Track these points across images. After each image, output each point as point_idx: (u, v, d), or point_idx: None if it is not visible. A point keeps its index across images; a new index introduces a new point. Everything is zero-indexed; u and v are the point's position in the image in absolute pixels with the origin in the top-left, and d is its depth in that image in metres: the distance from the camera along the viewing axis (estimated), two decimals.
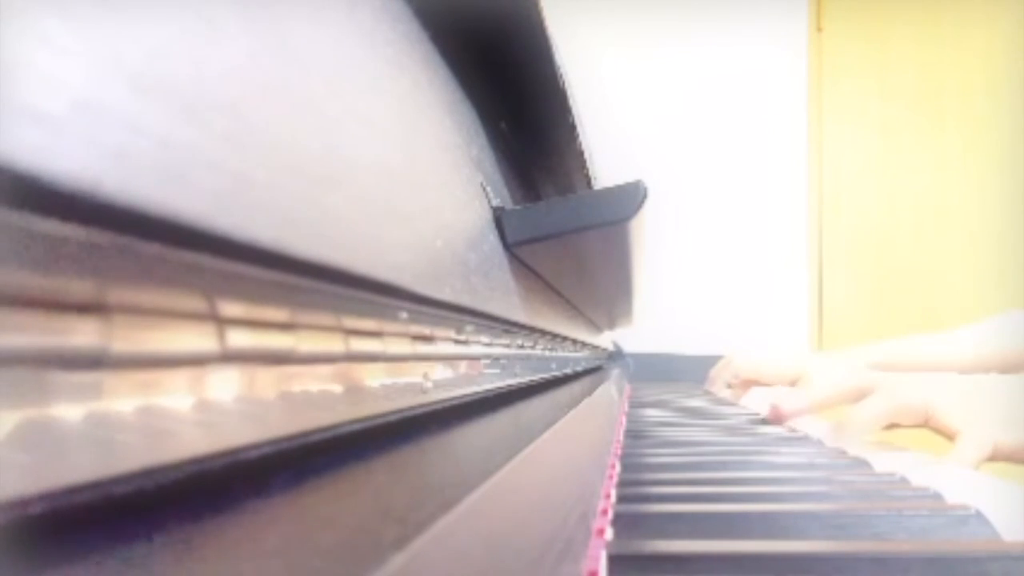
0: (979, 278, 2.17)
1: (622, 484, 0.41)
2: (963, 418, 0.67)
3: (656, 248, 1.98)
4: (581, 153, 0.67)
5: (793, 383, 1.03)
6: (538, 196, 0.77)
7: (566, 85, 0.59)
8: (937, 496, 0.39)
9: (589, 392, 0.70)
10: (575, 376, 0.86)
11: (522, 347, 0.49)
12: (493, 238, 0.40)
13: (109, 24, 0.11)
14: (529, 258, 0.46)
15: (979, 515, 0.33)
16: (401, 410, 0.24)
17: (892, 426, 0.71)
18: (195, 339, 0.13)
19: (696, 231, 2.20)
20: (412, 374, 0.25)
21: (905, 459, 0.60)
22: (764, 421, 0.79)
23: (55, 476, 0.10)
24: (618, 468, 0.46)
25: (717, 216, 2.21)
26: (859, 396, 0.73)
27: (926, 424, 0.70)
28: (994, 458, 0.66)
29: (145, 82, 0.11)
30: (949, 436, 0.68)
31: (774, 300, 2.20)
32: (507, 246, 0.43)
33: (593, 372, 1.10)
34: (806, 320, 2.22)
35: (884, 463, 0.50)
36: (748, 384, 1.14)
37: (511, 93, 0.57)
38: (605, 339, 1.41)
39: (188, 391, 0.13)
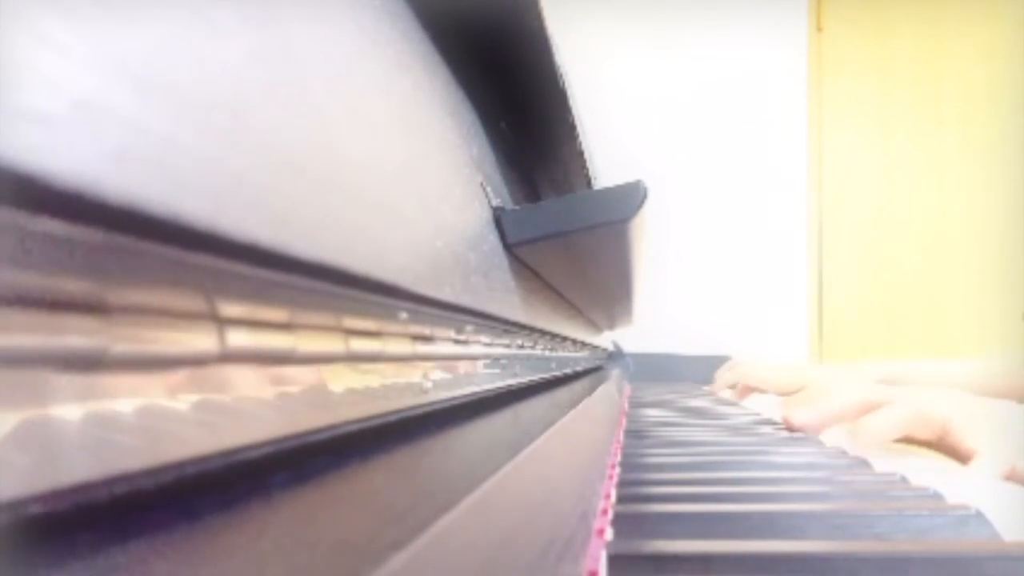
0: (980, 281, 2.17)
1: (622, 484, 0.41)
2: (981, 438, 0.64)
3: (656, 248, 1.98)
4: (581, 153, 0.67)
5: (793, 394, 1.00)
6: (538, 196, 0.77)
7: (566, 85, 0.59)
8: (937, 496, 0.39)
9: (589, 392, 0.70)
10: (575, 376, 0.86)
11: (522, 347, 0.49)
12: (493, 238, 0.40)
13: (109, 24, 0.11)
14: (529, 258, 0.46)
15: (979, 515, 0.33)
16: (401, 410, 0.24)
17: (906, 439, 0.69)
18: (195, 339, 0.13)
19: (696, 231, 2.20)
20: (412, 374, 0.25)
21: (928, 466, 0.59)
22: (763, 422, 0.79)
23: (55, 476, 0.10)
24: (618, 468, 0.46)
25: (717, 215, 2.21)
26: (872, 410, 0.69)
27: (940, 440, 0.67)
28: (1010, 479, 0.64)
29: (146, 82, 0.11)
30: (961, 456, 0.65)
31: (774, 299, 2.20)
32: (507, 246, 0.43)
33: (593, 372, 1.10)
34: (806, 319, 2.22)
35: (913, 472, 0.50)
36: (749, 390, 1.15)
37: (511, 93, 0.57)
38: (605, 339, 1.41)
39: (188, 391, 0.13)
